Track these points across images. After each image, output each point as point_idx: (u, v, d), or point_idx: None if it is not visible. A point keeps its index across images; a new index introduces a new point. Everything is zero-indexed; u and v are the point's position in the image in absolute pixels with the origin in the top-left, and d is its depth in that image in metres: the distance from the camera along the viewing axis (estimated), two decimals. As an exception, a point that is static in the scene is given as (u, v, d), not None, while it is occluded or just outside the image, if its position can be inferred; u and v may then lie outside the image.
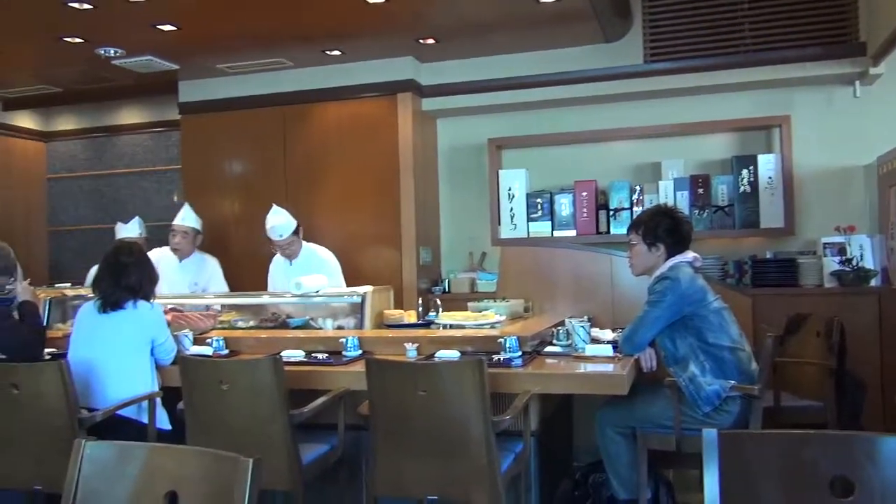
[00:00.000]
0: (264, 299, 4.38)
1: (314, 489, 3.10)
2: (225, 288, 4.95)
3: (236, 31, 4.92)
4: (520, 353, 3.19)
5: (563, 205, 5.46)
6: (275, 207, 4.65)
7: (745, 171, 5.11)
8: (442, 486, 2.64)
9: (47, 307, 4.37)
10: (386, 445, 2.69)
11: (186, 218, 4.99)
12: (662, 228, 3.30)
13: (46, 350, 3.65)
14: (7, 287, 3.45)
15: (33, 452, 2.95)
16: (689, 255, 3.33)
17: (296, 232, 4.60)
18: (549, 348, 3.42)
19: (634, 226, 3.41)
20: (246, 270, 5.62)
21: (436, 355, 3.25)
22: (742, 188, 5.11)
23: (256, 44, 5.21)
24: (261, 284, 4.89)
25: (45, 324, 3.96)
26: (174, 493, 1.36)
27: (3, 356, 3.26)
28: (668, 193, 5.20)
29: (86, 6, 4.30)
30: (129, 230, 5.40)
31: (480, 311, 3.99)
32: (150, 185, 7.13)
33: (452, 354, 3.25)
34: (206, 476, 1.34)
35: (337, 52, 5.42)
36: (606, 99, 5.51)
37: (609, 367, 3.03)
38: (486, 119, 5.88)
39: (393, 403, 2.65)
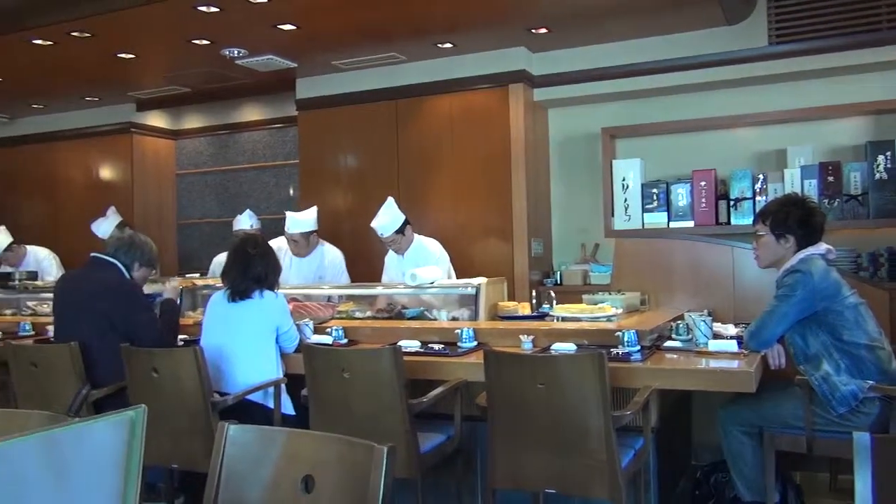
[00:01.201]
0: (381, 290, 4.47)
1: (431, 478, 3.15)
2: (346, 277, 5.10)
3: (352, 27, 5.03)
4: (638, 347, 3.12)
5: (681, 195, 5.29)
6: (387, 202, 4.69)
7: (880, 157, 4.78)
8: (560, 480, 2.61)
9: (179, 296, 4.62)
10: (504, 437, 2.69)
11: (292, 226, 5.07)
12: (793, 219, 3.14)
13: (179, 336, 3.87)
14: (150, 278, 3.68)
15: (171, 433, 3.13)
16: (822, 247, 3.15)
17: (401, 230, 4.65)
18: (668, 343, 3.33)
19: (762, 216, 3.26)
20: (359, 262, 5.76)
21: (552, 348, 3.23)
22: (878, 175, 4.79)
23: (370, 39, 5.32)
24: (374, 275, 5.00)
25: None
26: (311, 476, 1.41)
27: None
28: (794, 182, 4.94)
29: (213, 9, 4.51)
30: (242, 223, 5.68)
31: (596, 304, 3.92)
32: (270, 180, 7.42)
33: (568, 347, 3.21)
34: (342, 462, 1.38)
35: (449, 45, 5.46)
36: (727, 84, 5.29)
37: (734, 364, 2.91)
38: (600, 108, 5.77)
39: (511, 395, 2.65)
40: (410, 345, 3.45)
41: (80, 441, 0.81)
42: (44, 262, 6.06)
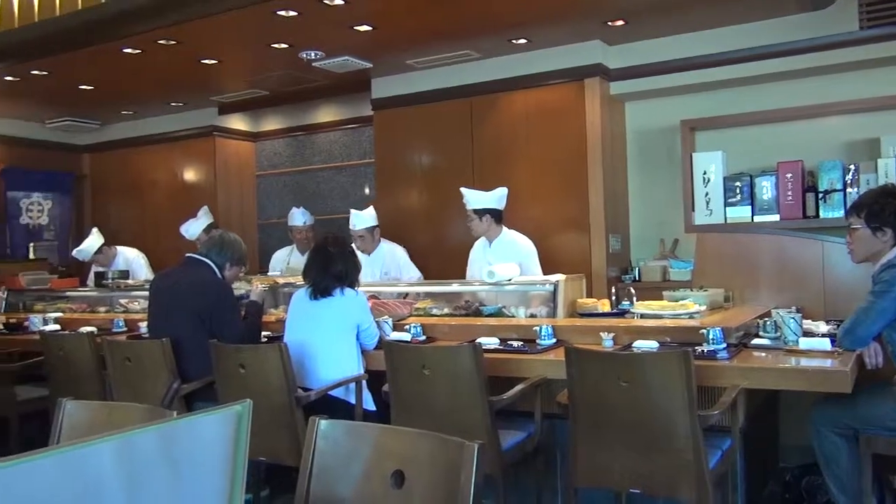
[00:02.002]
0: (458, 287, 4.48)
1: (511, 475, 3.15)
2: (416, 272, 5.15)
3: (426, 26, 5.06)
4: (724, 344, 3.04)
5: (765, 188, 5.09)
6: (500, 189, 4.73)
7: (984, 145, 4.51)
8: (645, 479, 2.57)
9: (264, 299, 4.74)
10: (586, 436, 2.66)
11: (357, 222, 5.18)
12: (890, 211, 3.00)
13: (262, 333, 3.98)
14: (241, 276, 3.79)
15: (257, 427, 3.19)
16: (922, 240, 3.00)
17: (487, 214, 4.63)
18: (755, 341, 3.23)
19: (856, 208, 3.12)
20: (434, 259, 5.80)
21: (633, 345, 3.18)
22: (981, 164, 4.51)
23: (444, 38, 5.34)
24: (448, 272, 5.02)
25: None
26: (401, 472, 1.43)
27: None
28: (889, 173, 4.70)
29: (291, 13, 4.61)
30: (296, 219, 5.85)
31: (677, 301, 3.84)
32: (346, 179, 7.54)
33: (650, 345, 3.16)
34: (432, 458, 1.39)
35: (523, 41, 5.43)
36: (814, 72, 5.08)
37: (828, 363, 2.80)
38: (679, 100, 5.63)
39: (593, 393, 2.62)
40: (489, 342, 3.45)
41: (192, 433, 0.84)
42: (133, 262, 6.31)
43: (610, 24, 5.11)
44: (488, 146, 5.95)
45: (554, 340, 3.45)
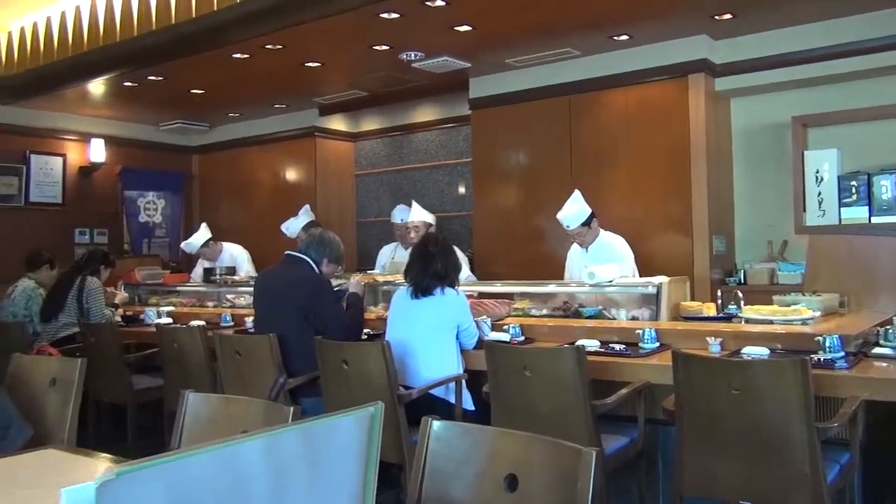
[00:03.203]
0: (556, 288, 4.44)
1: (613, 481, 3.09)
2: (469, 275, 5.15)
3: (526, 25, 5.04)
4: (843, 353, 2.89)
5: (884, 187, 4.78)
6: (574, 195, 4.59)
7: None
8: (757, 491, 2.47)
9: (363, 290, 4.83)
10: (694, 444, 2.58)
11: (416, 214, 5.27)
12: None
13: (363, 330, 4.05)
14: (337, 273, 3.89)
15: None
16: None
17: (587, 223, 4.56)
18: (875, 349, 3.05)
19: None
20: (530, 259, 5.78)
21: (742, 352, 3.07)
22: None
23: (544, 36, 5.30)
24: (544, 272, 4.98)
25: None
26: (514, 475, 1.42)
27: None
28: None
29: (394, 15, 4.68)
30: (393, 216, 6.15)
31: (788, 306, 3.68)
32: (443, 178, 7.59)
33: (760, 351, 3.04)
34: (546, 463, 1.38)
35: (625, 37, 5.32)
36: (940, 63, 4.77)
37: (961, 375, 2.62)
38: (789, 96, 5.39)
39: (702, 400, 2.54)
40: (590, 344, 3.40)
41: (331, 433, 0.87)
42: (238, 258, 6.54)
43: (717, 17, 4.95)
44: (587, 145, 5.87)
45: (657, 344, 3.37)
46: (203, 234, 6.42)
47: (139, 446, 4.47)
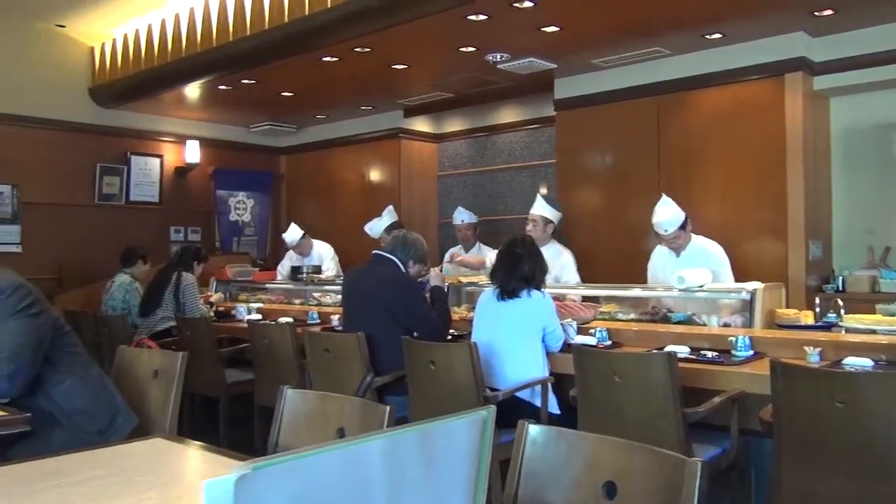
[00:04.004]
0: (645, 292, 4.36)
1: (703, 492, 3.01)
2: (577, 279, 5.02)
3: (615, 24, 4.96)
4: (954, 366, 2.73)
5: None
6: (663, 199, 4.43)
7: None
8: (863, 510, 2.36)
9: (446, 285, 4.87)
10: (793, 458, 2.48)
11: (536, 207, 5.17)
12: None
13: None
14: (422, 273, 3.94)
15: (445, 422, 3.30)
16: None
17: (683, 226, 4.43)
18: None
19: None
20: (614, 261, 5.68)
21: (843, 362, 2.94)
22: None
23: (633, 35, 5.20)
24: (629, 275, 4.88)
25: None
26: (613, 483, 1.40)
27: (416, 334, 3.70)
28: None
29: (481, 17, 4.69)
30: (454, 218, 6.35)
31: (893, 315, 3.50)
32: (525, 180, 7.56)
33: (863, 363, 2.91)
34: (647, 472, 1.36)
35: (717, 35, 5.17)
36: None
37: None
38: (894, 95, 5.13)
39: (803, 413, 2.44)
40: (679, 350, 3.32)
41: (446, 435, 0.88)
42: (325, 255, 6.69)
43: (816, 14, 4.75)
44: (676, 146, 5.73)
45: (751, 352, 3.26)
46: (296, 229, 6.59)
47: (230, 437, 4.63)
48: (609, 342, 3.68)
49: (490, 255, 5.59)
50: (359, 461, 0.76)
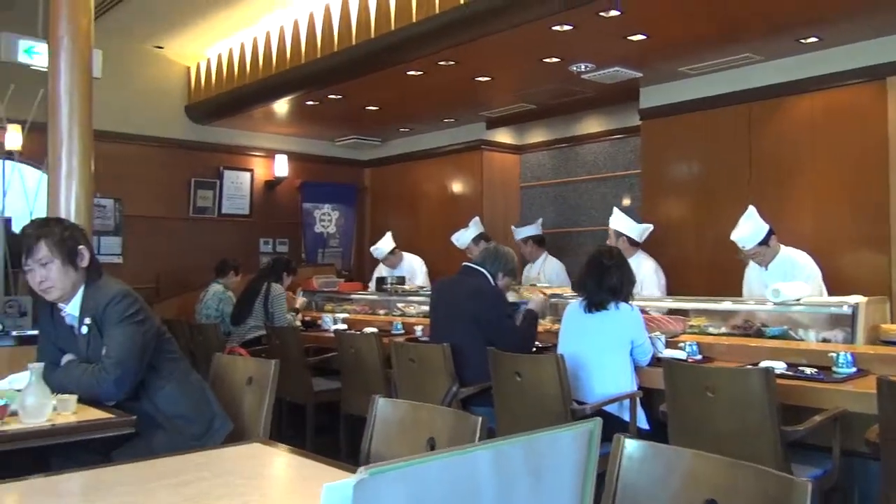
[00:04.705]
0: (734, 305, 4.22)
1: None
2: (657, 292, 4.91)
3: (704, 31, 4.85)
4: None
5: None
6: (748, 212, 4.34)
7: None
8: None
9: (545, 310, 4.83)
10: (903, 481, 2.36)
11: (612, 220, 5.16)
12: None
13: (533, 342, 4.06)
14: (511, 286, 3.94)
15: (531, 435, 3.27)
16: None
17: (764, 241, 4.29)
18: None
19: None
20: (704, 273, 5.53)
21: (957, 382, 2.76)
22: None
23: (723, 41, 5.07)
24: (717, 288, 4.74)
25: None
26: (714, 501, 1.36)
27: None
28: None
29: (566, 28, 4.66)
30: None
31: None
32: (609, 191, 7.45)
33: (979, 383, 2.73)
34: (752, 491, 1.31)
35: (813, 39, 4.98)
36: None
37: None
38: None
39: (913, 434, 2.32)
40: (775, 366, 3.20)
41: (553, 447, 0.88)
42: (413, 268, 6.77)
43: (922, 13, 4.53)
44: (767, 155, 5.54)
45: (854, 369, 3.12)
46: (389, 241, 6.70)
47: (316, 443, 4.72)
48: (699, 356, 3.59)
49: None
50: (468, 470, 0.77)
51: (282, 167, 8.44)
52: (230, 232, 8.09)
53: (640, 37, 4.89)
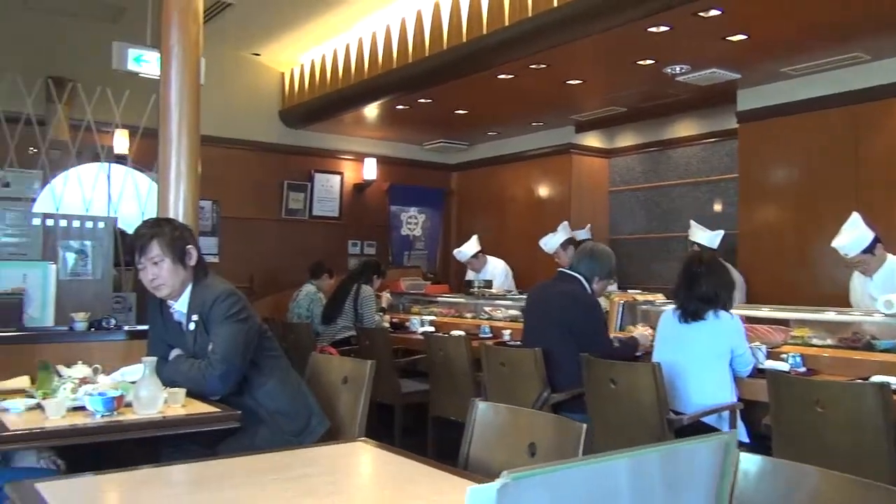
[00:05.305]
0: (838, 316, 4.03)
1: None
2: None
3: (808, 29, 4.66)
4: None
5: None
6: (851, 219, 4.17)
7: None
8: None
9: (620, 310, 4.76)
10: None
11: (690, 232, 5.12)
12: None
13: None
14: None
15: (626, 442, 3.21)
16: None
17: (869, 250, 4.09)
18: None
19: None
20: (805, 282, 5.32)
21: None
22: None
23: (828, 40, 4.86)
24: (819, 297, 4.54)
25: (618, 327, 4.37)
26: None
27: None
28: None
29: (663, 28, 4.56)
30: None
31: None
32: (703, 195, 7.25)
33: None
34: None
35: (927, 38, 4.72)
36: None
37: None
38: None
39: None
40: (889, 380, 3.03)
41: (689, 459, 0.86)
42: (497, 271, 6.76)
43: None
44: (876, 159, 5.27)
45: (979, 387, 2.92)
46: (473, 245, 6.73)
47: (404, 444, 4.75)
48: (803, 368, 3.44)
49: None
50: (608, 478, 0.76)
51: (370, 170, 8.58)
52: (320, 233, 8.27)
53: (740, 37, 4.74)
